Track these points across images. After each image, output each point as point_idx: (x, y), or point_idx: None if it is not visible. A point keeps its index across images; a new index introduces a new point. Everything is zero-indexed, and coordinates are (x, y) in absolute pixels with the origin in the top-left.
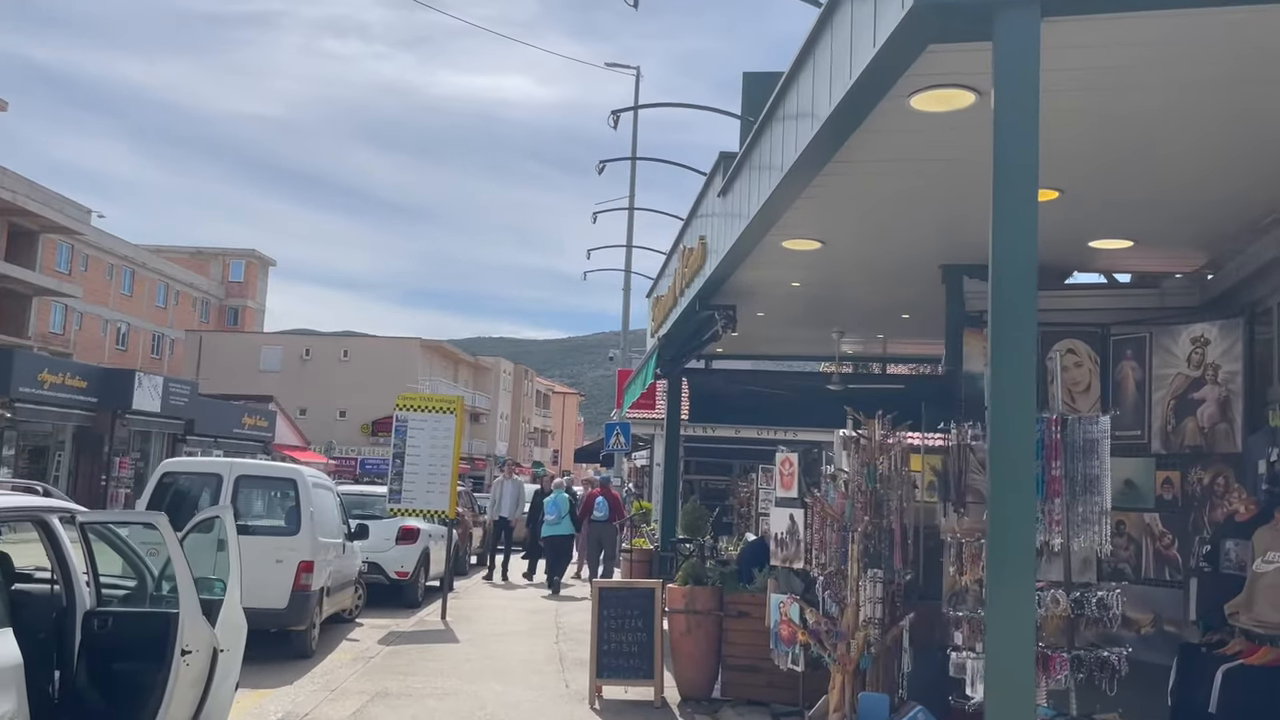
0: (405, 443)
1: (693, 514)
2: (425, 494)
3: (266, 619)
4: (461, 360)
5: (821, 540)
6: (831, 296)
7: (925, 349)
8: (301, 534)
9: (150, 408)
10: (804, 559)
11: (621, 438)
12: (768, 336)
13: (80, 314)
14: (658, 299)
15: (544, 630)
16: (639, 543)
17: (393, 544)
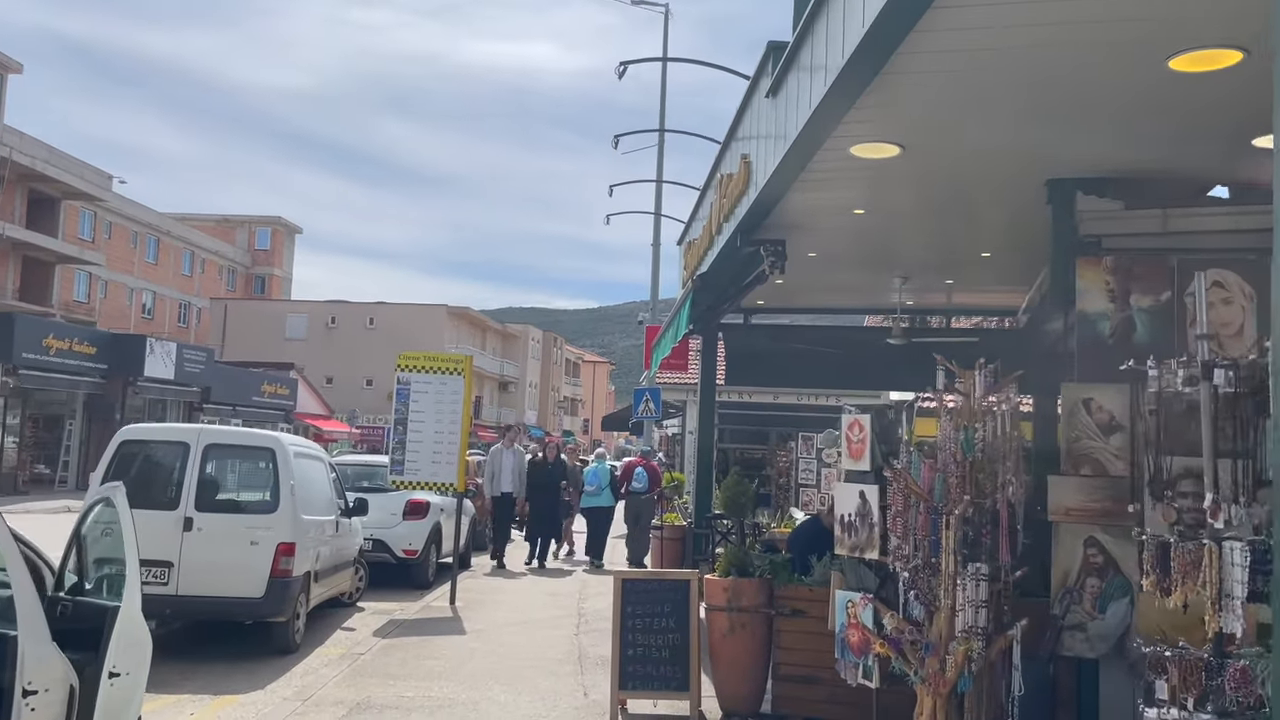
0: (408, 407)
1: (734, 490)
2: (431, 465)
3: (240, 609)
4: (489, 327)
5: (904, 525)
6: (900, 229)
7: (995, 299)
8: (280, 511)
9: (163, 375)
10: (878, 548)
11: (651, 404)
12: (816, 285)
13: (105, 282)
14: (690, 244)
15: (564, 619)
16: (671, 518)
17: (399, 519)
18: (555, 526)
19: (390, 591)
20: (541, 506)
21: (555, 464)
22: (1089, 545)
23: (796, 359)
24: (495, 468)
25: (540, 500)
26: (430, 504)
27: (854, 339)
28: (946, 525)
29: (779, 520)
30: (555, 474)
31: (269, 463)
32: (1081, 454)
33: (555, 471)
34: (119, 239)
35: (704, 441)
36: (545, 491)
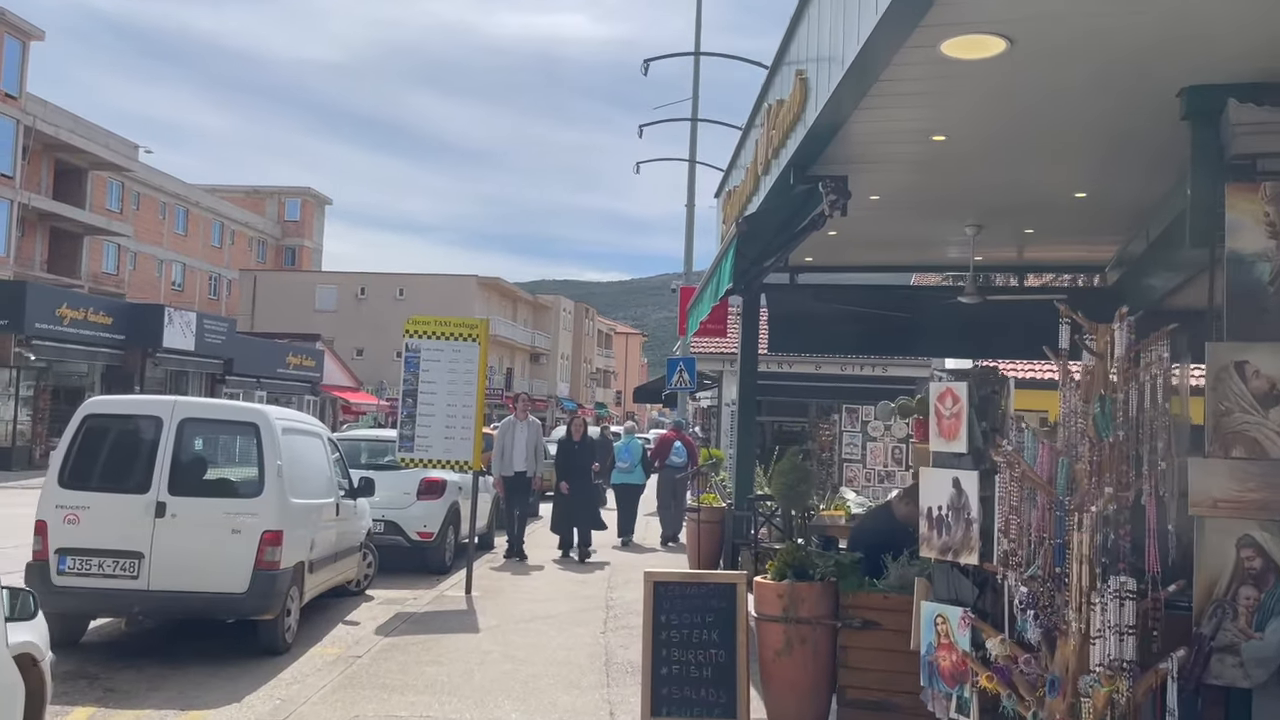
0: (418, 377)
1: (790, 476)
2: (443, 440)
3: (220, 607)
4: (520, 298)
5: (1019, 524)
6: (985, 160)
7: (1075, 253)
8: (266, 494)
9: (183, 345)
10: (977, 550)
11: (685, 375)
12: (873, 238)
13: (134, 254)
14: (730, 194)
15: (589, 612)
16: (709, 499)
17: (413, 499)
18: (591, 515)
19: (403, 577)
20: (570, 492)
21: (583, 443)
22: (1243, 546)
23: (847, 322)
24: (506, 443)
25: (571, 486)
26: (447, 482)
27: (914, 299)
28: (1078, 525)
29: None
30: (585, 455)
31: (253, 439)
32: (1233, 431)
33: (584, 452)
34: (147, 210)
35: (745, 414)
36: (575, 475)
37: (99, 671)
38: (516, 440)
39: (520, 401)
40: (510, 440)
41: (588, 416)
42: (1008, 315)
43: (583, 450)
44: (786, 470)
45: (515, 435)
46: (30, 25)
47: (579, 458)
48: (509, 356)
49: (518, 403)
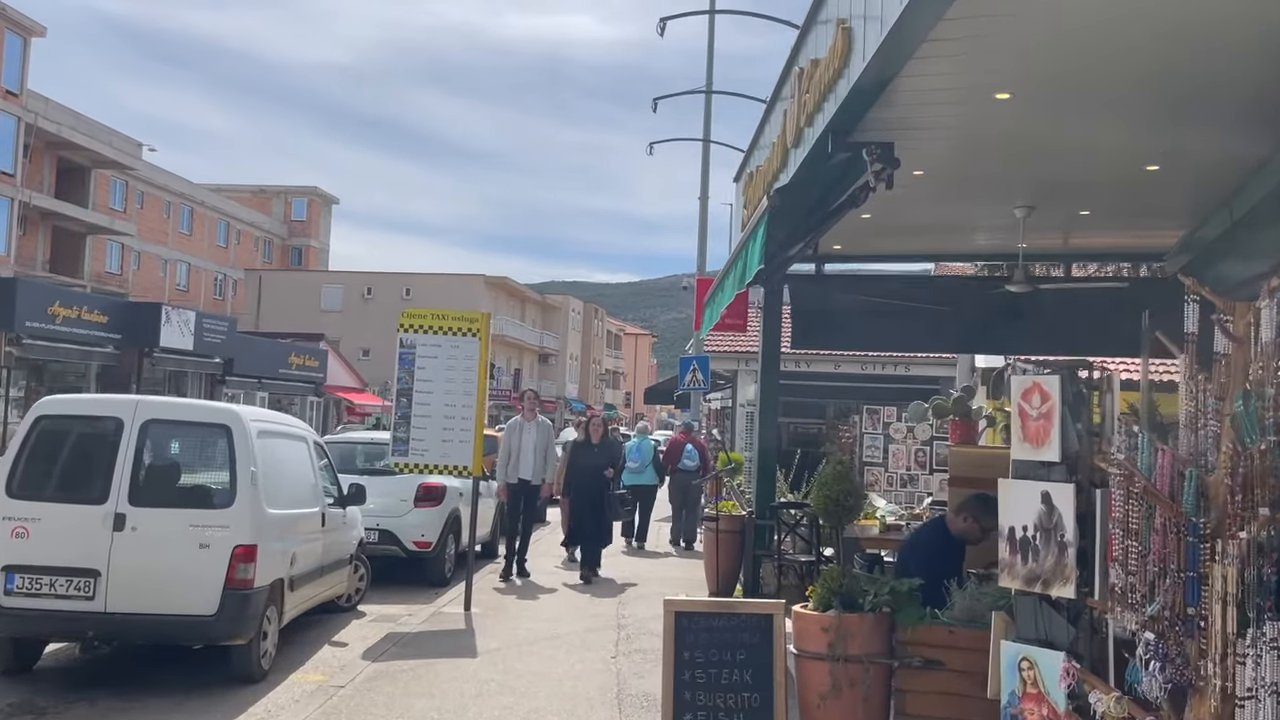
0: (413, 375)
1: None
2: (441, 444)
3: (186, 631)
4: (528, 298)
5: (1139, 552)
6: (1051, 125)
7: (1131, 240)
8: (238, 504)
9: (181, 345)
10: (1072, 581)
11: (699, 374)
12: (910, 222)
13: (137, 253)
14: (752, 175)
15: (599, 632)
16: (728, 506)
17: (410, 507)
18: (602, 528)
19: (400, 590)
20: (584, 501)
21: (602, 445)
22: None
23: (878, 316)
24: (513, 446)
25: (584, 494)
26: (447, 488)
27: (953, 291)
28: (1220, 555)
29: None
30: (602, 460)
31: (224, 443)
32: None
33: (601, 455)
34: (151, 209)
35: (766, 415)
36: (589, 484)
37: (48, 704)
38: (524, 443)
39: (528, 399)
40: (517, 443)
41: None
42: (1060, 306)
43: (601, 454)
44: (831, 480)
45: (523, 438)
46: (31, 21)
47: (594, 463)
48: (517, 357)
49: (525, 400)
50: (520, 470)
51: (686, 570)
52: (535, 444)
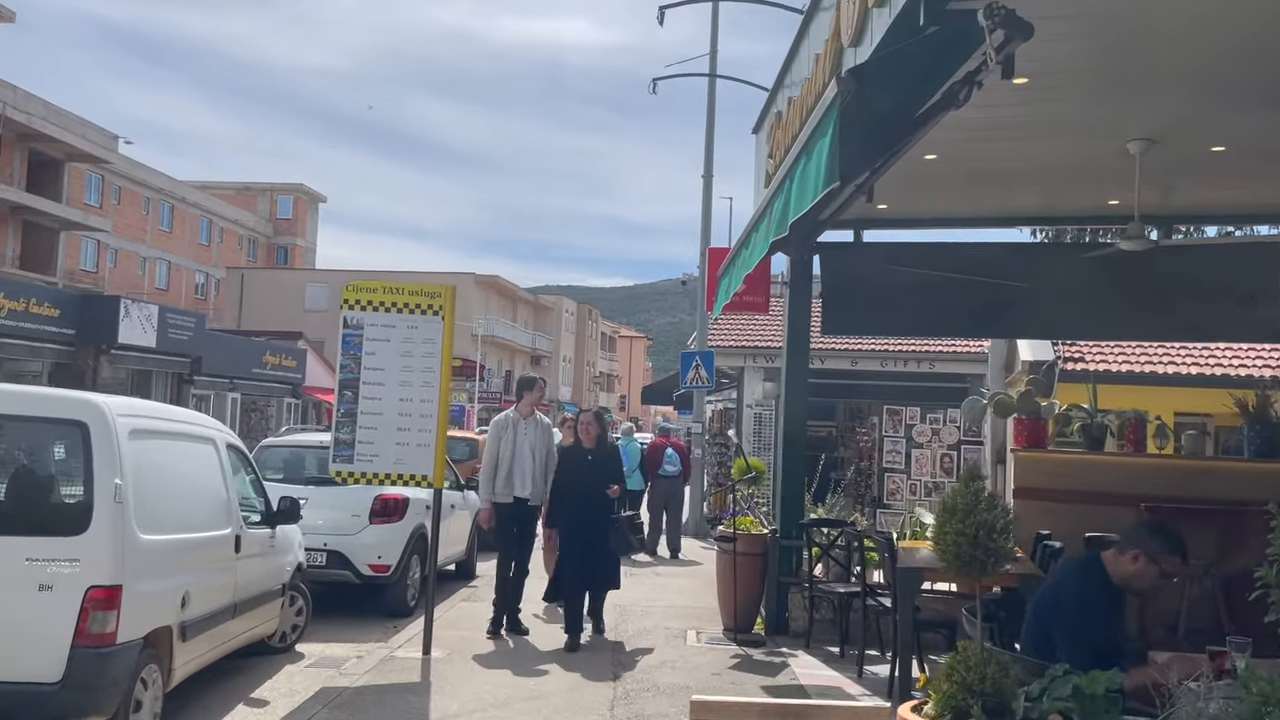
0: (360, 363)
1: (975, 519)
2: (394, 447)
3: (19, 706)
4: (520, 298)
5: None
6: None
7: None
8: (95, 530)
9: (142, 342)
10: None
11: (702, 370)
12: (988, 166)
13: (114, 251)
14: (779, 119)
15: (590, 688)
16: (747, 524)
17: (365, 523)
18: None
19: (352, 623)
20: (578, 533)
21: (599, 452)
22: None
23: (931, 294)
24: (503, 451)
25: (578, 523)
26: (410, 501)
27: (1032, 260)
28: None
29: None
30: (599, 473)
31: (79, 446)
32: None
33: (599, 466)
34: (129, 205)
35: (793, 413)
36: (584, 503)
37: None
38: (519, 448)
39: (529, 392)
40: (510, 448)
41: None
42: (1184, 276)
43: (598, 465)
44: (967, 510)
45: (517, 441)
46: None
47: (590, 479)
48: (509, 358)
49: (525, 391)
50: (515, 485)
51: (690, 593)
52: (533, 448)
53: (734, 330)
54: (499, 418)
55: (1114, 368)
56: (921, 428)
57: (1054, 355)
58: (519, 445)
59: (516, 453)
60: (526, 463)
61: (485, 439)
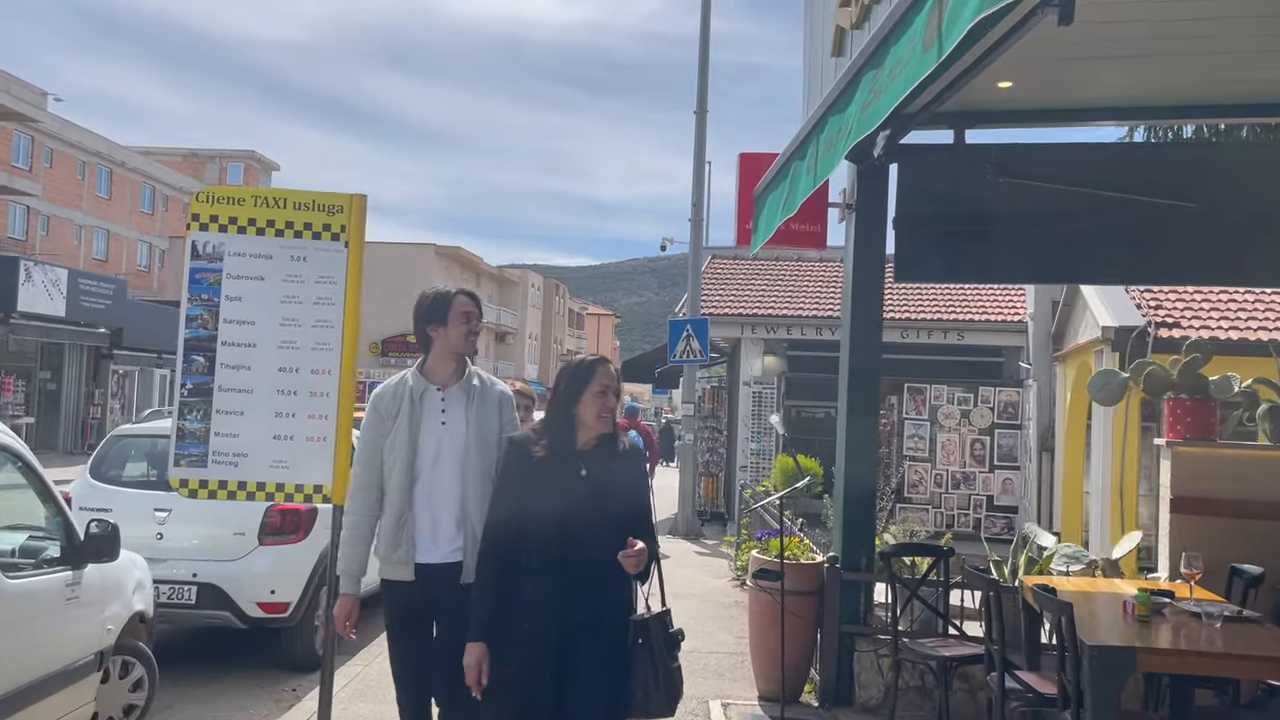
0: (217, 316)
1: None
2: (271, 443)
3: None
4: (484, 270)
5: None
6: None
7: None
8: None
9: (48, 310)
10: None
11: (694, 342)
12: (1154, 30)
13: (46, 217)
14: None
15: None
16: (795, 549)
17: (254, 544)
18: None
19: (233, 686)
20: (536, 646)
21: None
22: None
23: (1065, 221)
24: (399, 456)
25: (537, 614)
26: (317, 511)
27: (1223, 163)
28: None
29: (1023, 556)
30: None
31: None
32: None
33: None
34: (62, 168)
35: (860, 395)
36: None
37: None
38: (427, 450)
39: (443, 325)
40: (407, 450)
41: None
42: None
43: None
44: None
45: (422, 433)
46: None
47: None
48: None
49: (431, 324)
50: (420, 540)
51: (696, 624)
52: (466, 453)
53: (727, 295)
54: (382, 386)
55: (1220, 335)
56: (949, 409)
57: (1142, 320)
58: (425, 445)
59: (422, 463)
60: (447, 485)
61: None
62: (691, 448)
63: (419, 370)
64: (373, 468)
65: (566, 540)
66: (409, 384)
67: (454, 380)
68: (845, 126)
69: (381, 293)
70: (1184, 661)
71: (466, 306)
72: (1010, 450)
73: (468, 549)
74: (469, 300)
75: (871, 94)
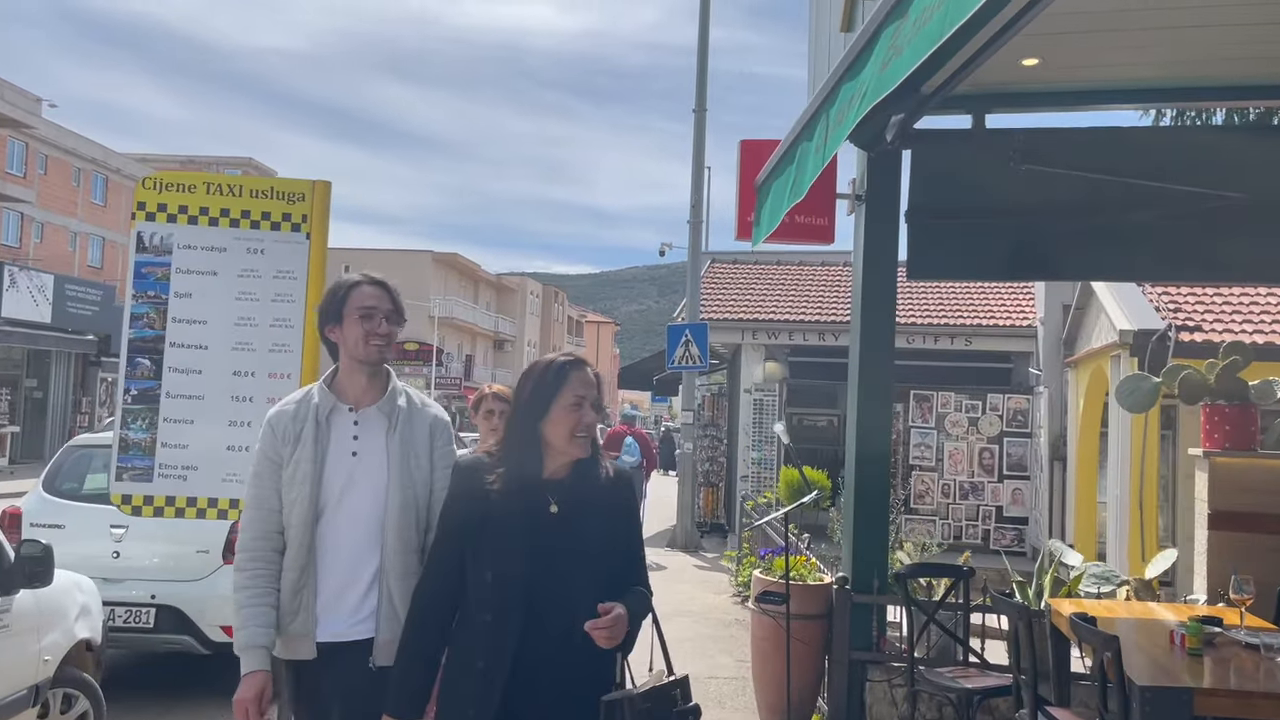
0: (164, 313)
1: None
2: (225, 455)
3: None
4: (482, 278)
5: None
6: None
7: None
8: None
9: (32, 316)
10: None
11: (693, 348)
12: None
13: (40, 224)
14: None
15: None
16: (802, 569)
17: (216, 562)
18: None
19: (195, 713)
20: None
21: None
22: None
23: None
24: (300, 492)
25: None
26: None
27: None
28: None
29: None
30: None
31: None
32: None
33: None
34: (57, 175)
35: (872, 402)
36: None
37: None
38: (332, 488)
39: (351, 305)
40: (308, 485)
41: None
42: None
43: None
44: None
45: (329, 465)
46: None
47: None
48: (469, 342)
49: (344, 303)
50: (326, 600)
51: (696, 645)
52: (390, 490)
53: (727, 300)
54: (282, 403)
55: (1244, 338)
56: (956, 417)
57: (1163, 323)
58: (331, 480)
59: (328, 504)
60: (360, 533)
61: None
62: (691, 457)
63: (327, 384)
64: (269, 509)
65: (531, 599)
66: (314, 401)
67: (371, 398)
68: (860, 91)
69: None
70: (1249, 705)
71: (367, 299)
72: (1020, 459)
73: (381, 620)
74: (375, 291)
75: (892, 50)
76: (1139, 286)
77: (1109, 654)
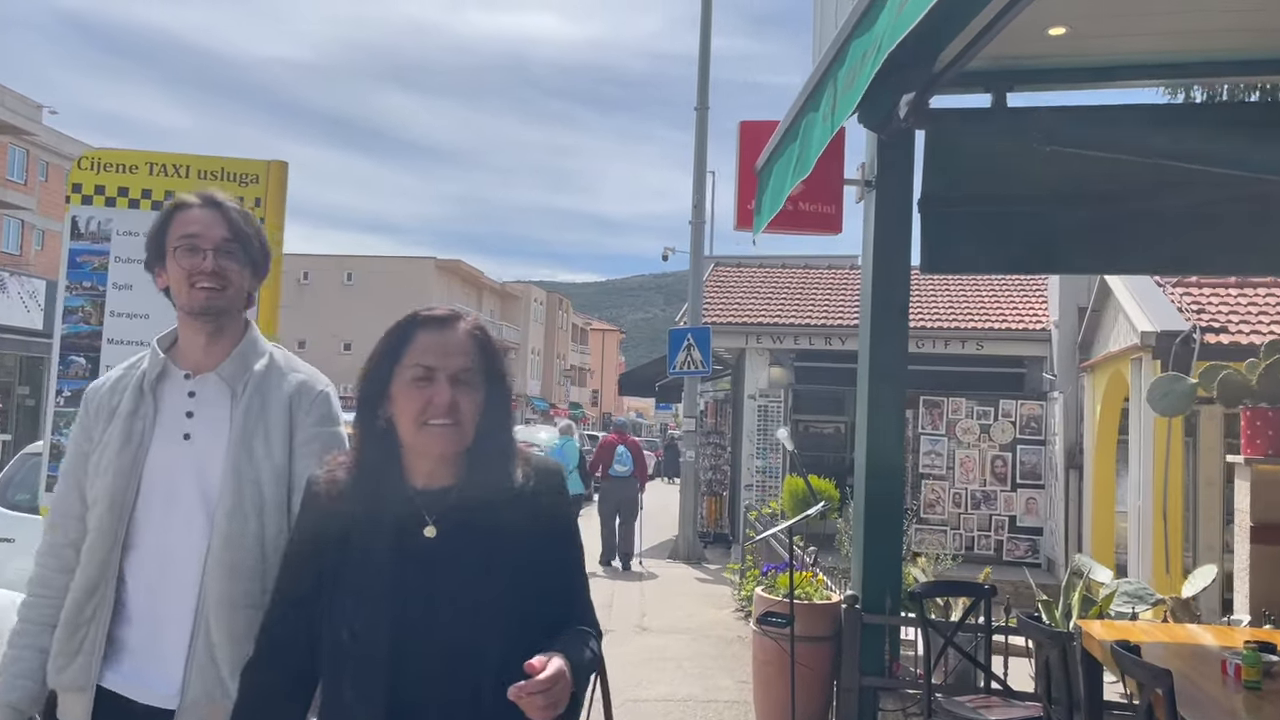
0: (103, 307)
1: None
2: None
3: None
4: (486, 285)
5: None
6: None
7: None
8: None
9: (22, 323)
10: None
11: (695, 352)
12: None
13: (41, 231)
14: None
15: None
16: (808, 588)
17: None
18: None
19: None
20: None
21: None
22: None
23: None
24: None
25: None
26: None
27: None
28: None
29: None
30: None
31: None
32: None
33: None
34: (57, 181)
35: (883, 407)
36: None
37: None
38: (146, 478)
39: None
40: (112, 472)
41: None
42: None
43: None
44: None
45: (148, 457)
46: None
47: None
48: None
49: (165, 234)
50: (126, 640)
51: (695, 665)
52: (216, 489)
53: (730, 303)
54: (97, 380)
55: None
56: (967, 423)
57: (1187, 324)
58: (154, 471)
59: (145, 505)
60: (181, 554)
61: None
62: (693, 465)
63: (162, 347)
64: (71, 516)
65: (404, 662)
66: (141, 367)
67: (213, 362)
68: (874, 44)
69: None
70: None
71: (190, 224)
72: (1034, 467)
73: (191, 681)
74: (204, 215)
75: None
76: (1159, 286)
77: (1158, 690)
